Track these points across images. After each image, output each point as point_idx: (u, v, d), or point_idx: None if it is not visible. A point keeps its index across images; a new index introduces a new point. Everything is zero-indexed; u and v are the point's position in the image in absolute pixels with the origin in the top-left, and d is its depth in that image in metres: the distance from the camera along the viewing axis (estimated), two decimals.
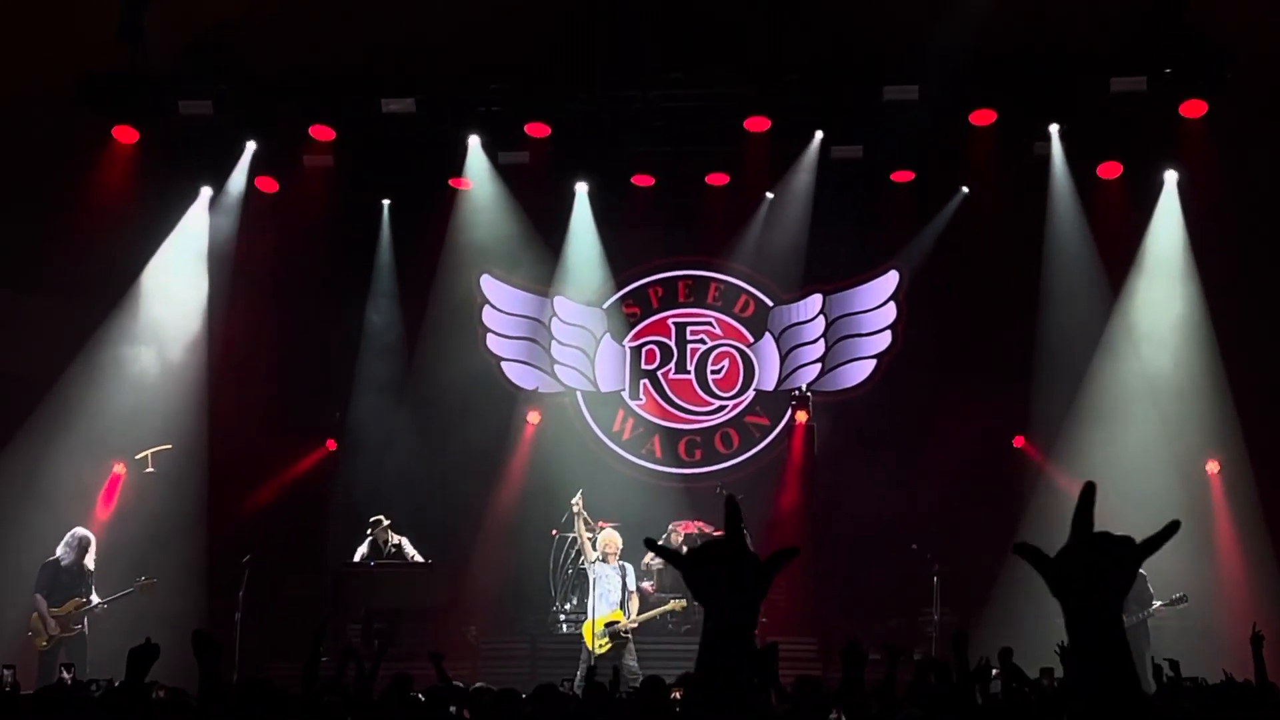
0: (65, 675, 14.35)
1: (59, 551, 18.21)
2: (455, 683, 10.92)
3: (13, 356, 21.75)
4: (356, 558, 20.91)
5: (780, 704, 9.02)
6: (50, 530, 18.99)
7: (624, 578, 19.20)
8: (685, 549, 21.41)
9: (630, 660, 18.43)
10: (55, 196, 21.13)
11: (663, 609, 19.23)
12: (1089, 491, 2.86)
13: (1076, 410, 21.78)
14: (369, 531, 20.98)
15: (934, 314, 23.40)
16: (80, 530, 18.44)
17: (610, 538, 19.45)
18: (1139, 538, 2.80)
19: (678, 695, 9.73)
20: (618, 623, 18.75)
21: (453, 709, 9.78)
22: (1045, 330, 22.21)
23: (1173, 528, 2.80)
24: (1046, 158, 22.07)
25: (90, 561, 18.29)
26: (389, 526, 21.13)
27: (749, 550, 2.90)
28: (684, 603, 19.54)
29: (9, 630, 18.75)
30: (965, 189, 23.00)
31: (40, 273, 21.45)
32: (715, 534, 20.80)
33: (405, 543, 21.20)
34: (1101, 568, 2.74)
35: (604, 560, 19.25)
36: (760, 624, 20.71)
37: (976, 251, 22.28)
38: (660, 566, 21.12)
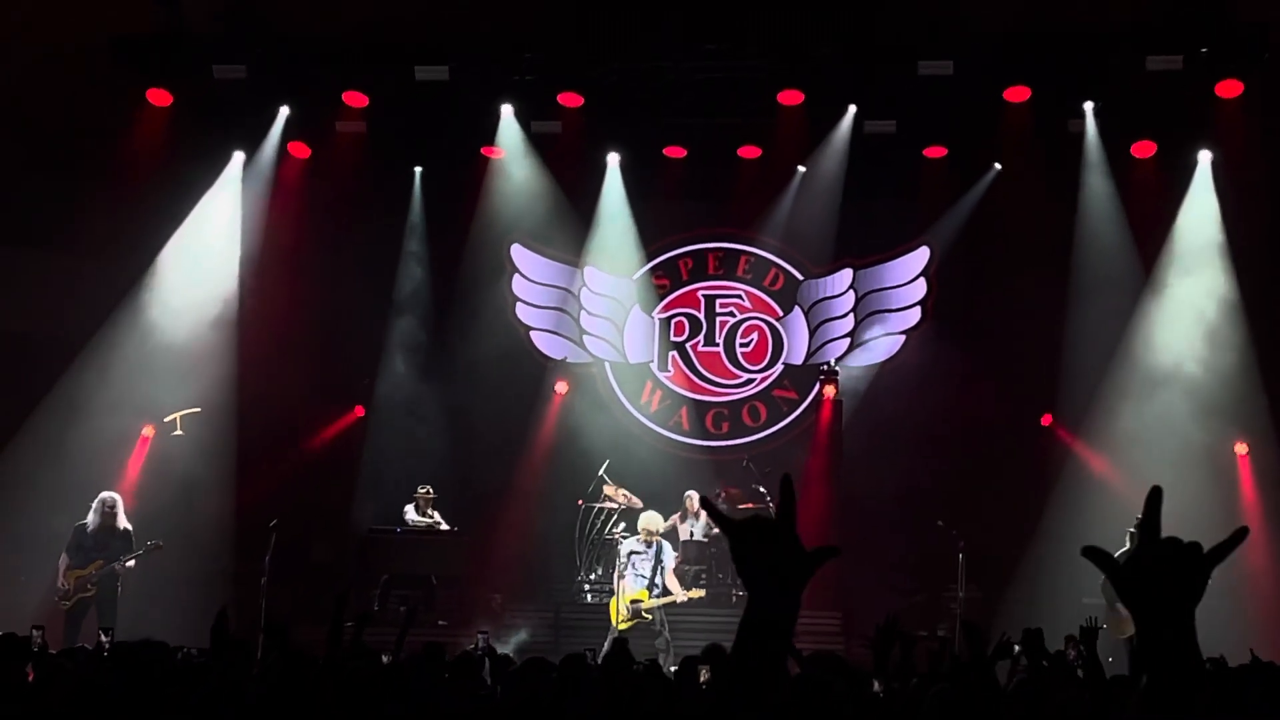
0: (103, 639, 14.42)
1: (89, 514, 18.29)
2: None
3: (46, 317, 21.83)
4: (409, 519, 21.12)
5: (801, 672, 9.01)
6: (80, 491, 19.07)
7: (659, 556, 19.16)
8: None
9: (664, 632, 18.55)
10: (89, 158, 21.14)
11: (680, 598, 19.03)
12: (1155, 497, 2.83)
13: (1105, 389, 21.70)
14: (415, 497, 21.30)
15: (964, 290, 23.33)
16: (106, 493, 18.50)
17: (651, 520, 19.42)
18: (1184, 534, 2.78)
19: (704, 675, 9.73)
20: (640, 601, 18.77)
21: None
22: (1075, 308, 22.12)
23: (1241, 534, 2.79)
24: (1080, 135, 21.95)
25: (122, 522, 18.33)
26: (432, 501, 21.32)
27: (798, 537, 2.84)
28: (702, 592, 19.52)
29: (41, 591, 18.88)
30: (998, 165, 22.90)
31: (74, 234, 21.48)
32: (742, 506, 20.85)
33: (437, 514, 21.34)
34: (1172, 575, 2.72)
35: (642, 541, 19.21)
36: None
37: (1008, 228, 22.16)
38: (687, 539, 21.13)
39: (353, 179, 22.86)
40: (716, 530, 21.30)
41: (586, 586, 21.56)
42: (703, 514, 21.35)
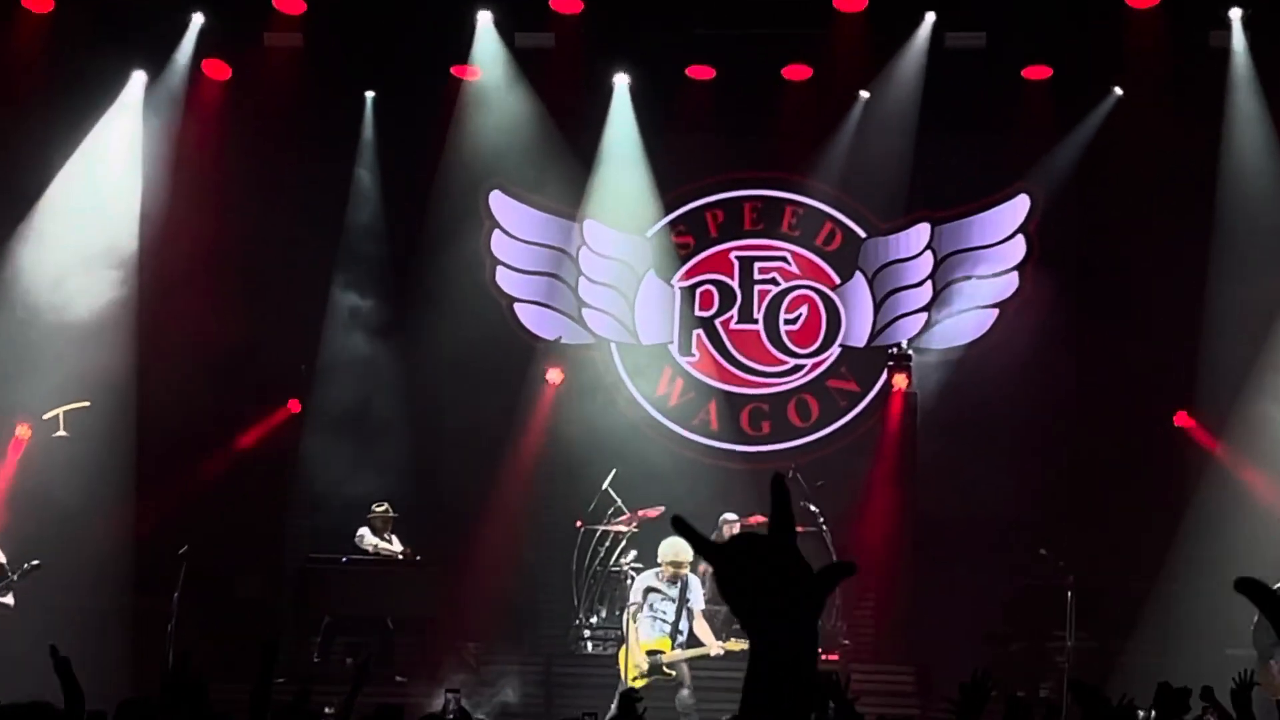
0: None
1: None
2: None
3: None
4: (369, 546, 21.23)
5: None
6: None
7: (684, 595, 18.93)
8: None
9: (685, 692, 18.43)
10: None
11: (720, 648, 18.86)
12: None
13: (1257, 379, 21.66)
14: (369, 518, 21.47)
15: (1074, 252, 23.27)
16: None
17: (675, 549, 18.97)
18: None
19: None
20: (661, 653, 18.64)
21: None
22: (1219, 273, 22.06)
23: None
24: (1225, 50, 21.92)
25: None
26: (392, 522, 21.36)
27: (799, 553, 2.79)
28: (745, 645, 19.43)
29: None
30: (1118, 90, 22.87)
31: None
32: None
33: (395, 540, 21.37)
34: None
35: (664, 576, 18.97)
36: (842, 647, 20.75)
37: (1131, 172, 22.11)
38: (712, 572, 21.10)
39: (286, 107, 22.83)
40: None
41: (587, 633, 21.53)
42: None
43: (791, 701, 2.71)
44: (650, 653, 18.63)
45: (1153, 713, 10.26)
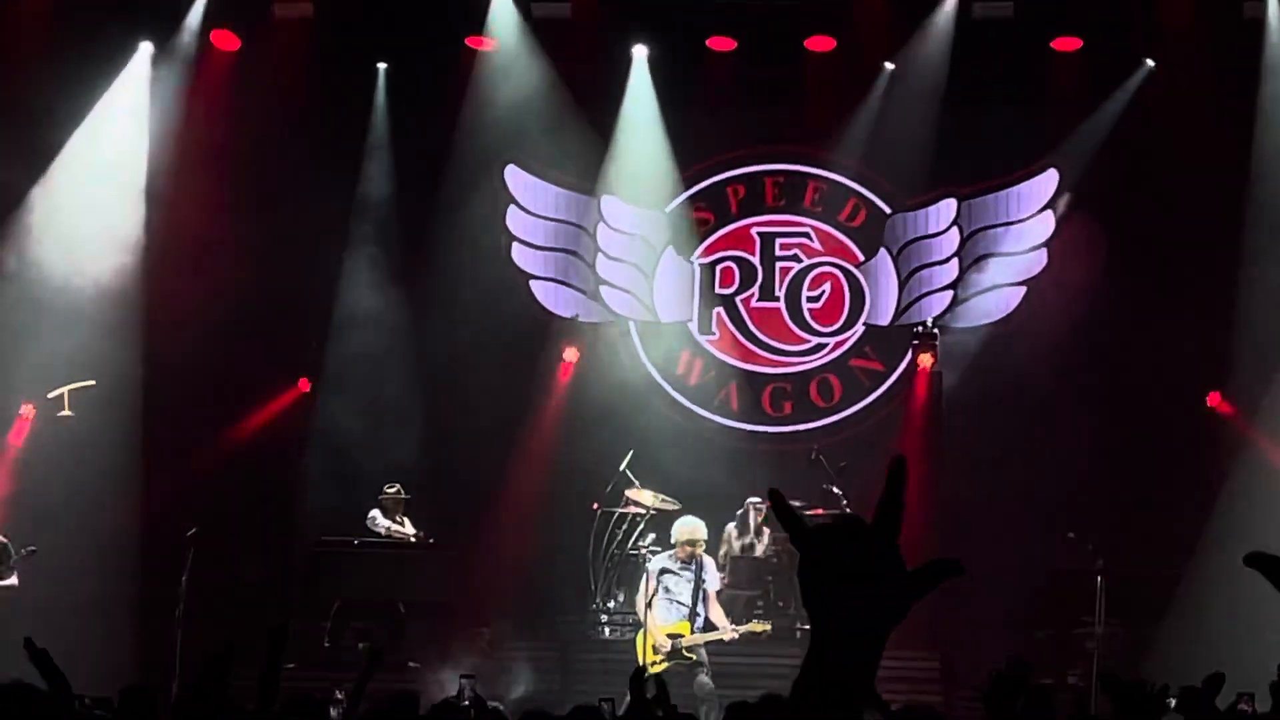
0: None
1: None
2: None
3: None
4: (381, 528, 21.17)
5: None
6: None
7: (700, 576, 18.90)
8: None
9: (704, 677, 18.34)
10: None
11: (734, 632, 18.82)
12: None
13: None
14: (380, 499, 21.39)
15: (1104, 229, 23.12)
16: None
17: (690, 528, 19.06)
18: None
19: None
20: (681, 637, 18.58)
21: None
22: (1253, 255, 21.94)
23: None
24: (1260, 21, 21.79)
25: None
26: (403, 504, 21.30)
27: (900, 558, 2.63)
28: (767, 626, 19.35)
29: None
30: (1150, 62, 22.74)
31: None
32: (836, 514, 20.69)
33: (407, 523, 21.32)
34: None
35: (679, 558, 18.92)
36: None
37: (1163, 146, 21.99)
38: (737, 554, 21.01)
39: (296, 79, 22.77)
40: (772, 548, 21.23)
41: (604, 617, 21.47)
42: (767, 530, 21.23)
43: (848, 701, 2.55)
44: (670, 636, 18.56)
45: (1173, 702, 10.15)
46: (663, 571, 18.89)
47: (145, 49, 22.58)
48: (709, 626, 18.71)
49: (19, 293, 21.31)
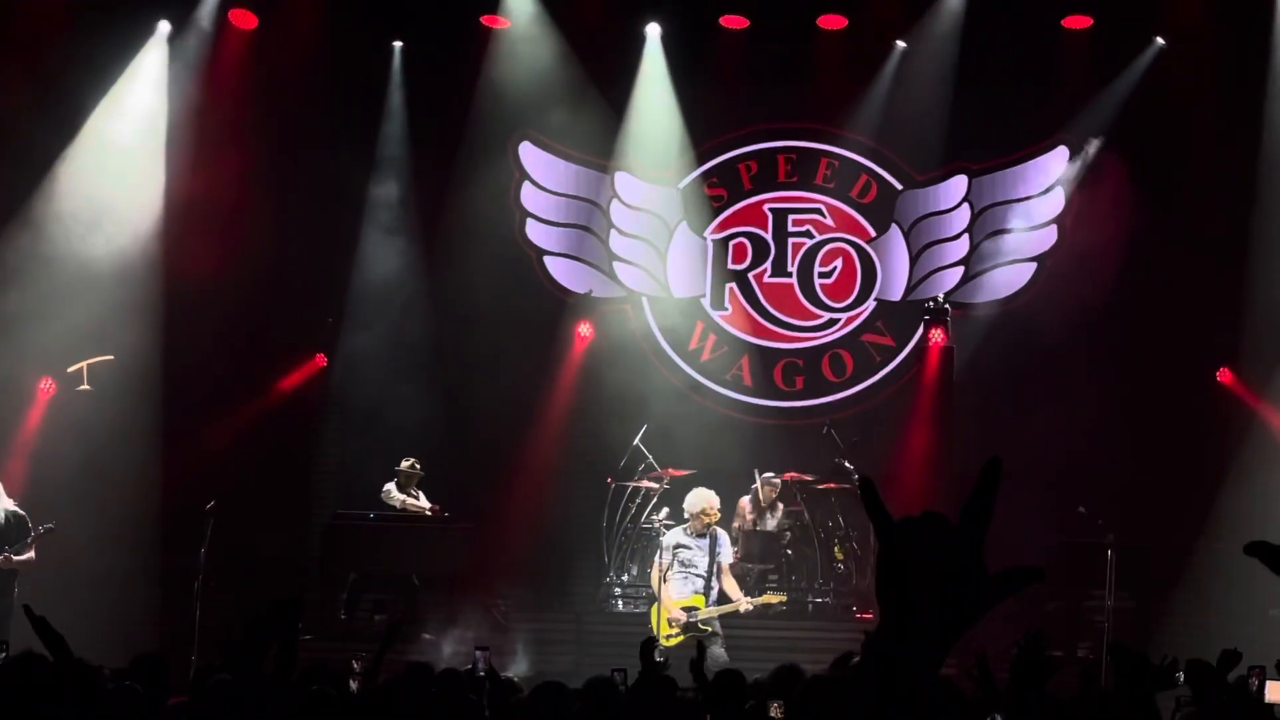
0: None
1: None
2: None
3: None
4: (396, 502, 21.21)
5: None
6: None
7: (715, 549, 18.91)
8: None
9: (718, 649, 18.37)
10: None
11: (749, 604, 18.80)
12: None
13: None
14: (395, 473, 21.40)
15: (1115, 204, 23.11)
16: None
17: (702, 500, 19.02)
18: None
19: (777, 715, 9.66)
20: (696, 610, 18.60)
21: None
22: (1264, 228, 21.92)
23: None
24: (1271, 1, 21.71)
25: (3, 506, 18.27)
26: (418, 478, 21.34)
27: (982, 559, 2.61)
28: (783, 597, 19.41)
29: None
30: (1160, 40, 22.72)
31: None
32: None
33: (422, 496, 21.36)
34: None
35: (692, 530, 18.93)
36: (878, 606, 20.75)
37: (1174, 124, 21.99)
38: (750, 528, 21.06)
39: (312, 57, 22.75)
40: (784, 522, 21.26)
41: (618, 590, 21.51)
42: (780, 505, 21.27)
43: (907, 698, 2.56)
44: (686, 609, 18.60)
45: (1182, 676, 10.22)
46: (677, 545, 18.91)
47: (162, 29, 22.58)
48: (723, 599, 18.73)
49: (39, 268, 21.34)
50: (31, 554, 18.12)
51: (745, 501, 21.20)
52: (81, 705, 7.15)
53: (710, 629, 18.45)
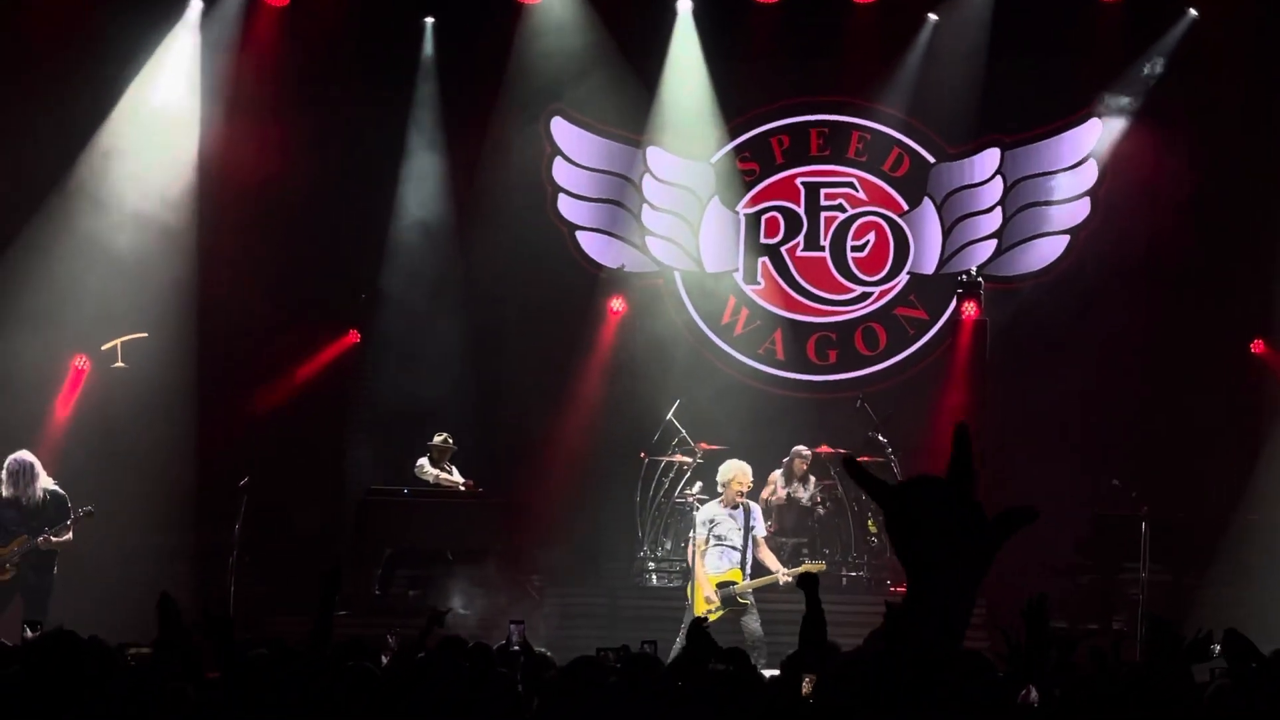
0: (28, 635, 14.43)
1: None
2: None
3: None
4: (430, 477, 21.21)
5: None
6: None
7: (748, 522, 18.82)
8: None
9: (753, 623, 18.33)
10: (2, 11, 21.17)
11: (788, 575, 18.69)
12: None
13: None
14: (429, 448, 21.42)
15: (1148, 177, 23.04)
16: (16, 456, 18.34)
17: (733, 470, 18.90)
18: None
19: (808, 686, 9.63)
20: (734, 583, 18.52)
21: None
22: None
23: None
24: None
25: (43, 486, 18.23)
26: (452, 453, 21.35)
27: (979, 504, 2.73)
28: (821, 565, 19.35)
29: None
30: (1193, 11, 22.57)
31: None
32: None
33: (455, 471, 21.36)
34: None
35: (725, 502, 18.82)
36: None
37: (1206, 95, 21.90)
38: (781, 503, 21.04)
39: (344, 33, 22.75)
40: (817, 495, 21.23)
41: (652, 565, 21.51)
42: (811, 477, 21.27)
43: (942, 648, 2.68)
44: (721, 584, 18.53)
45: (1217, 648, 10.18)
46: (711, 520, 18.83)
47: (195, 5, 22.56)
48: (760, 571, 18.66)
49: (73, 245, 21.36)
50: (69, 535, 18.12)
51: (777, 475, 21.19)
52: (116, 682, 7.16)
53: (747, 603, 18.41)
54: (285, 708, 7.08)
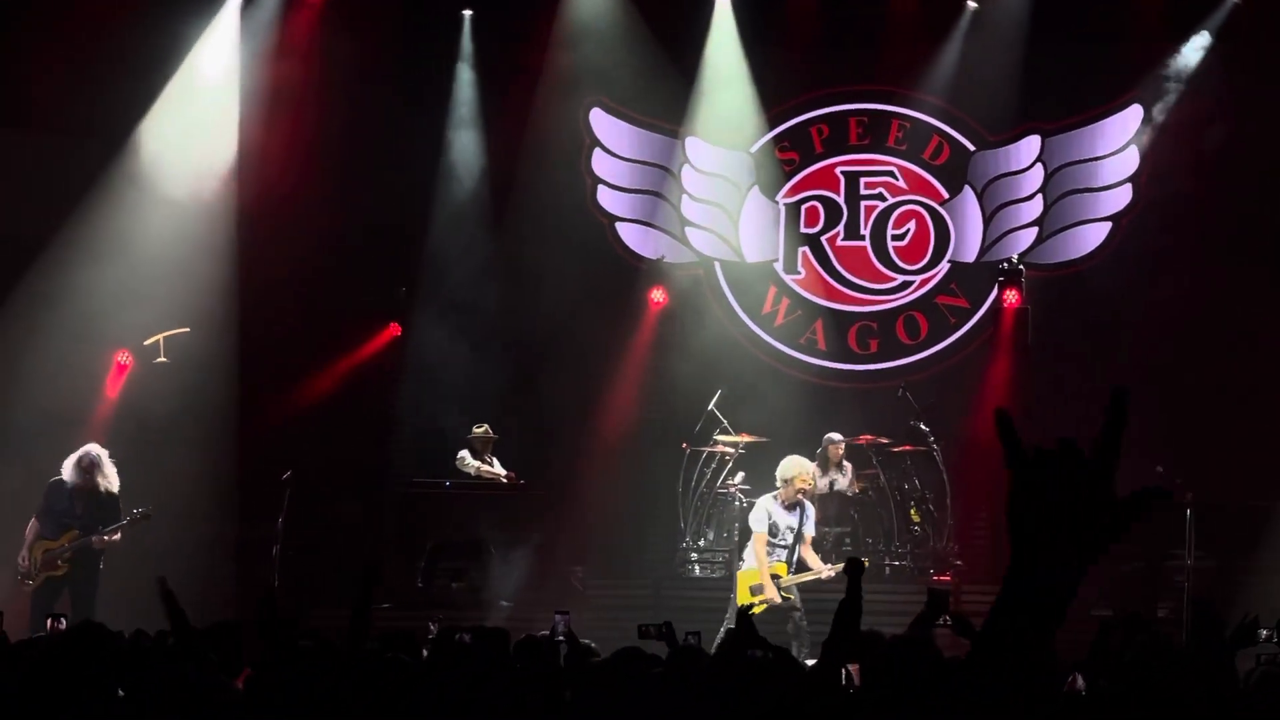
0: (56, 624, 14.41)
1: (65, 470, 18.20)
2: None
3: None
4: (471, 469, 21.21)
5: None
6: (36, 438, 19.17)
7: (802, 520, 18.60)
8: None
9: (797, 615, 18.19)
10: (37, 5, 21.18)
11: (832, 570, 18.45)
12: None
13: None
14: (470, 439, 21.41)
15: (1191, 162, 22.91)
16: (90, 447, 18.34)
17: (796, 467, 18.44)
18: None
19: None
20: (779, 577, 18.42)
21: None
22: None
23: None
24: None
25: (106, 484, 18.23)
26: (492, 444, 21.33)
27: (1113, 487, 2.67)
28: (864, 560, 19.17)
29: None
30: None
31: (25, 105, 21.50)
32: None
33: (496, 462, 21.34)
34: None
35: (783, 500, 18.58)
36: (955, 568, 20.67)
37: (1250, 79, 21.78)
38: (823, 492, 20.93)
39: (382, 28, 22.82)
40: (858, 486, 21.10)
41: (694, 555, 21.46)
42: (849, 465, 21.15)
43: (1041, 629, 2.63)
44: (771, 578, 18.40)
45: (1275, 635, 10.13)
46: (769, 515, 18.57)
47: (233, 3, 22.58)
48: (802, 566, 18.54)
49: (114, 241, 21.38)
50: (119, 536, 18.12)
51: (812, 465, 21.08)
52: (152, 675, 7.13)
53: (791, 597, 18.30)
54: (321, 702, 7.04)
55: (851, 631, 7.73)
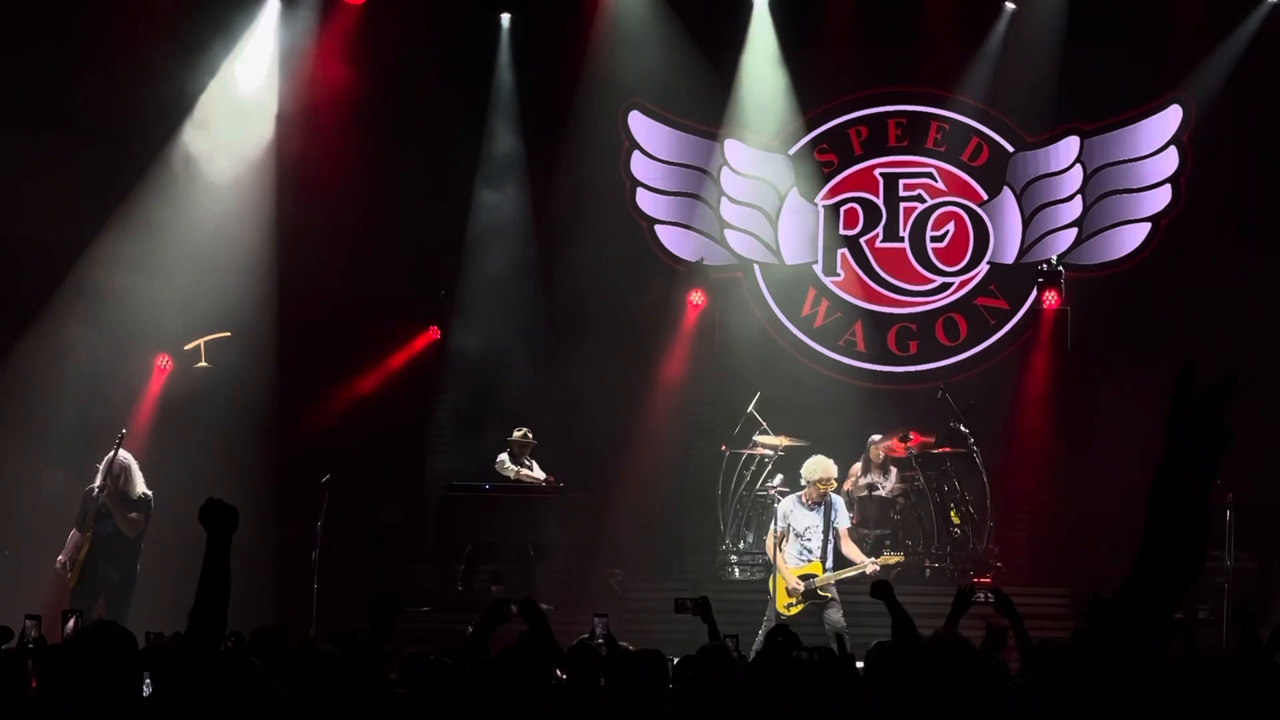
0: (69, 625, 14.40)
1: (99, 478, 18.25)
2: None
3: (29, 214, 21.83)
4: (510, 472, 21.22)
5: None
6: (75, 443, 19.23)
7: (830, 515, 18.60)
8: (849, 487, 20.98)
9: (835, 614, 18.15)
10: (82, 13, 21.24)
11: (874, 565, 18.44)
12: None
13: None
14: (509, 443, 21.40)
15: (1231, 163, 22.84)
16: (120, 458, 18.39)
17: (820, 468, 18.44)
18: None
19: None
20: (814, 576, 18.35)
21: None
22: None
23: None
24: None
25: (138, 490, 18.23)
26: (531, 448, 21.32)
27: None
28: (901, 556, 19.17)
29: (32, 570, 19.01)
30: None
31: (64, 107, 21.57)
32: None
33: (535, 466, 21.34)
34: None
35: (807, 500, 18.58)
36: (995, 569, 20.62)
37: None
38: (863, 493, 20.89)
39: (421, 32, 22.81)
40: (898, 486, 21.06)
41: (734, 558, 21.41)
42: (893, 469, 21.12)
43: (1192, 510, 3.55)
44: (802, 578, 18.36)
45: None
46: (789, 515, 18.60)
47: (273, 6, 22.63)
48: (843, 563, 18.44)
49: (159, 249, 21.44)
50: (136, 514, 18.02)
51: (857, 467, 21.06)
52: (199, 679, 7.15)
53: (829, 595, 18.23)
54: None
55: (912, 645, 7.76)
